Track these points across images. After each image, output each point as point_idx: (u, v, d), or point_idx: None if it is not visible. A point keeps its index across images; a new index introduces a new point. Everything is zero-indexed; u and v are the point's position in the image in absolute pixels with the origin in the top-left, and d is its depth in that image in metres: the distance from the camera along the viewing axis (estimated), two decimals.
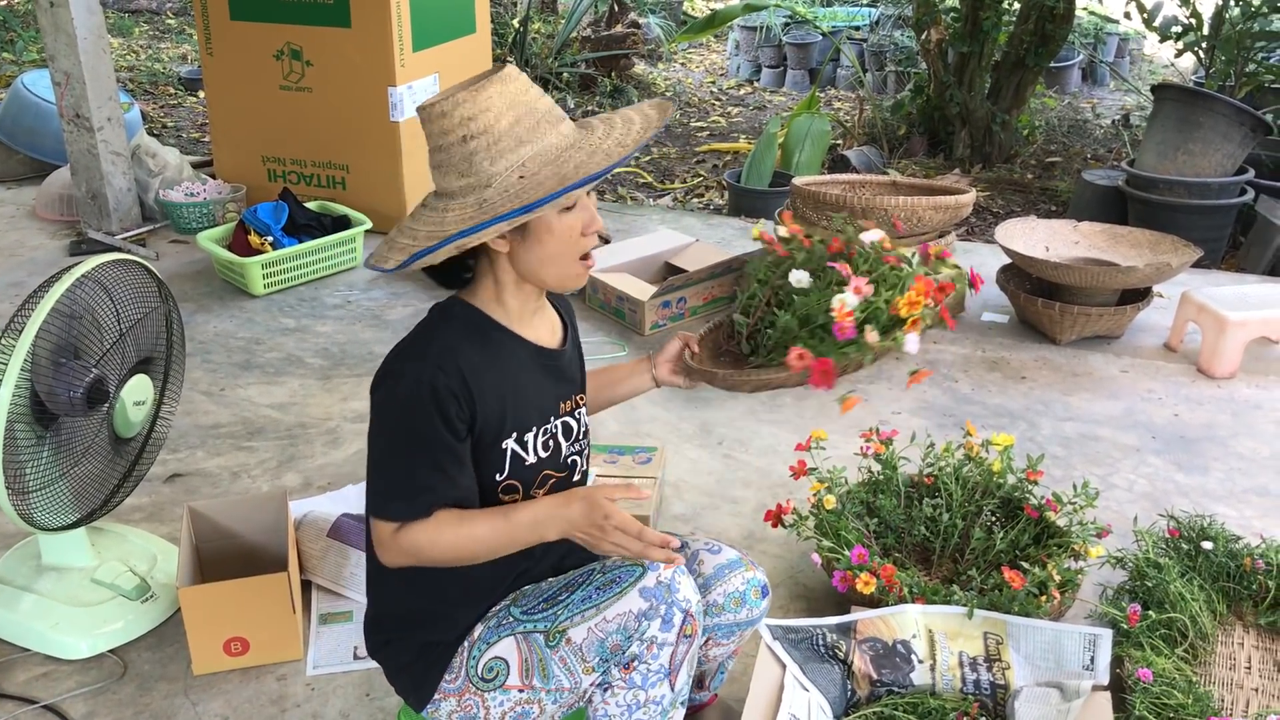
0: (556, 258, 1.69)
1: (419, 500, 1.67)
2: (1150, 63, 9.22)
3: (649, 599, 1.66)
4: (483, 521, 1.69)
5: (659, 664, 1.67)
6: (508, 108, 1.61)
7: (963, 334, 3.96)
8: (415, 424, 1.65)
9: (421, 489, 1.67)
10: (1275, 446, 3.26)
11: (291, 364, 3.74)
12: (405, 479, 1.67)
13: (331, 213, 4.60)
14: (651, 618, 1.66)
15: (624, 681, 1.68)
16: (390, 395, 1.69)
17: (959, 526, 2.57)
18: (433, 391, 1.64)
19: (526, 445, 1.77)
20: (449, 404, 1.65)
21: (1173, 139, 4.68)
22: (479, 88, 1.61)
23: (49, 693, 2.29)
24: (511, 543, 1.70)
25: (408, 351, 1.71)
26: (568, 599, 1.72)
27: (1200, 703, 2.05)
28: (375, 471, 1.71)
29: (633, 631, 1.66)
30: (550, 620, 1.71)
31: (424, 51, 4.72)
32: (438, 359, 1.66)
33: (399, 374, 1.68)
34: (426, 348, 1.69)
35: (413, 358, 1.69)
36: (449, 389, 1.64)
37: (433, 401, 1.64)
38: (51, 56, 4.51)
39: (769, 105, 8.20)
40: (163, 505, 2.93)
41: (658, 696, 1.69)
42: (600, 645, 1.67)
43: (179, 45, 9.60)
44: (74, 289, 2.21)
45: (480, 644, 1.76)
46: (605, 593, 1.69)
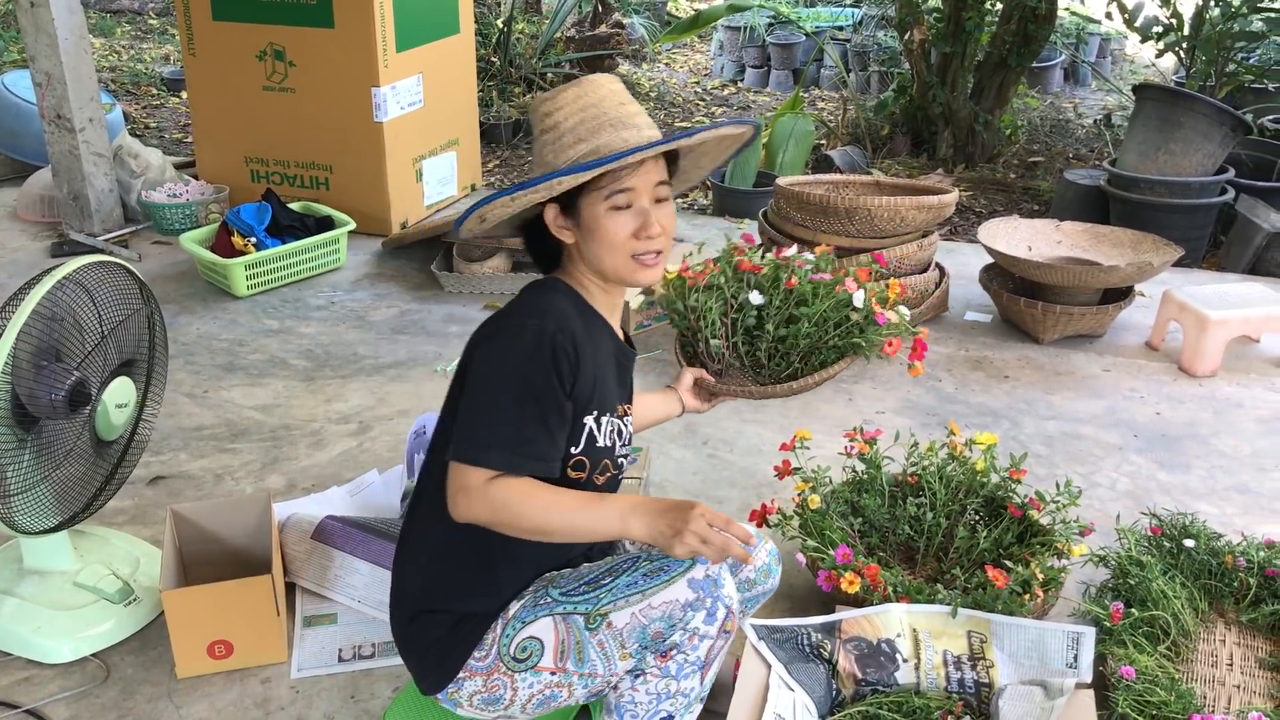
0: (607, 252, 1.80)
1: (521, 452, 1.69)
2: (1132, 63, 9.27)
3: (696, 590, 1.69)
4: (574, 496, 1.72)
5: (696, 655, 1.71)
6: (578, 109, 1.78)
7: (946, 333, 3.98)
8: (531, 376, 1.71)
9: (525, 440, 1.70)
10: (1256, 444, 3.28)
11: (275, 365, 3.72)
12: (511, 430, 1.69)
13: (315, 213, 4.58)
14: (697, 609, 1.68)
15: (659, 670, 1.70)
16: (507, 347, 1.74)
17: (943, 525, 2.58)
18: (552, 348, 1.71)
19: (600, 427, 1.84)
20: (563, 362, 1.72)
21: (1154, 139, 4.71)
22: (561, 89, 1.82)
23: (31, 697, 2.27)
24: (593, 527, 1.71)
25: (524, 310, 1.79)
26: (611, 583, 1.73)
27: (1183, 700, 2.07)
28: (477, 418, 1.72)
29: (677, 620, 1.68)
30: (592, 603, 1.73)
31: (407, 52, 4.71)
32: (557, 319, 1.75)
33: (518, 328, 1.75)
34: (545, 308, 1.77)
35: (532, 315, 1.76)
36: (564, 349, 1.72)
37: (551, 357, 1.71)
38: (32, 57, 4.49)
39: (753, 105, 8.21)
40: (146, 508, 2.91)
41: (687, 689, 1.72)
42: (642, 631, 1.69)
43: (161, 46, 9.55)
44: (55, 291, 2.20)
45: (515, 622, 1.77)
46: (652, 580, 1.71)
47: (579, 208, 1.81)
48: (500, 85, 7.40)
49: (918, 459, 2.72)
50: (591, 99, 1.80)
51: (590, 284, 1.89)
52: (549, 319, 1.74)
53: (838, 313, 2.45)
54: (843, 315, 2.45)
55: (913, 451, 2.74)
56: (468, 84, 5.34)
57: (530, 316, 1.76)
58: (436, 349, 3.84)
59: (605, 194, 1.78)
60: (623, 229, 1.79)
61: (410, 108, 4.80)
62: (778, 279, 2.53)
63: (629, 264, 1.82)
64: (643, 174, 1.79)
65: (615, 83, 1.87)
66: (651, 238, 1.80)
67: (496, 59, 7.50)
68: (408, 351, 3.82)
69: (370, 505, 2.89)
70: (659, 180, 1.82)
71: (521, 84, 7.56)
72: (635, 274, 1.83)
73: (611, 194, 1.78)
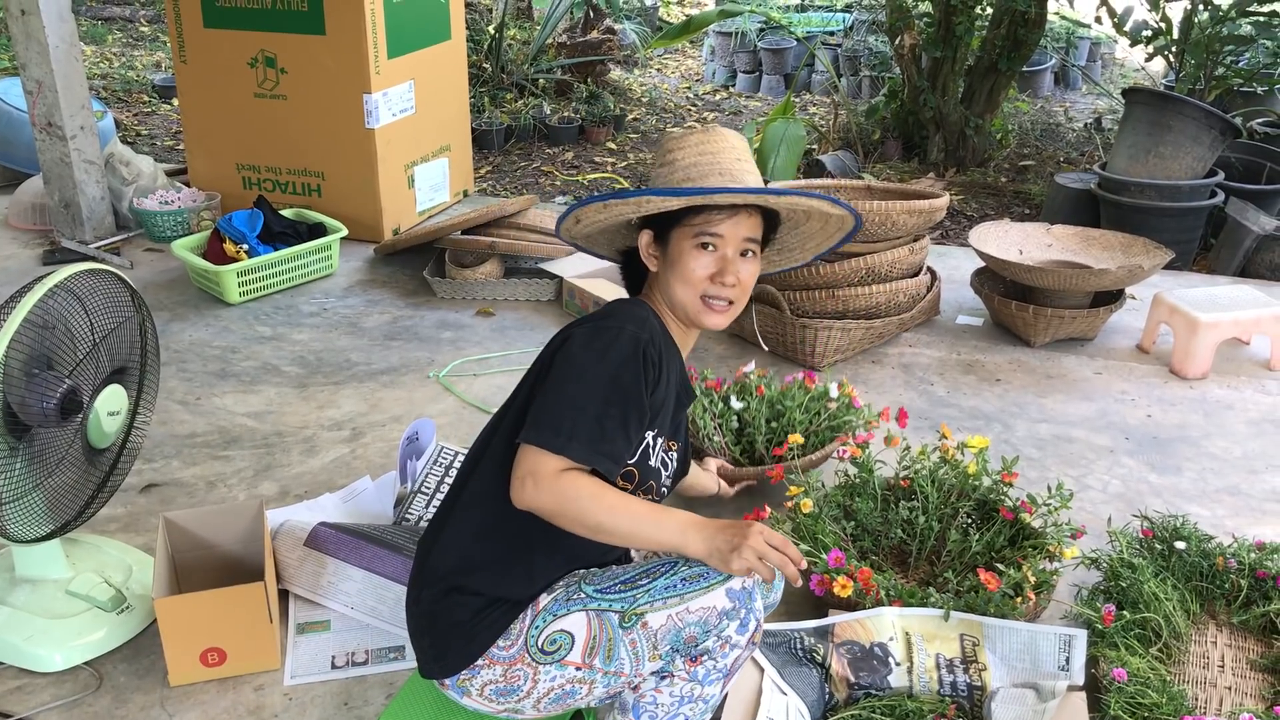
0: (682, 286, 1.93)
1: (600, 450, 1.73)
2: (1121, 67, 9.30)
3: (734, 600, 1.72)
4: (639, 503, 1.75)
5: (724, 663, 1.74)
6: (697, 153, 1.94)
7: (938, 337, 3.99)
8: (622, 375, 1.76)
9: (606, 438, 1.73)
10: (1247, 446, 3.30)
11: (267, 372, 3.72)
12: (595, 425, 1.73)
13: (307, 220, 4.58)
14: (732, 618, 1.72)
15: (687, 674, 1.73)
16: (605, 344, 1.78)
17: (935, 529, 2.58)
18: (645, 354, 1.78)
19: (655, 445, 1.90)
20: (651, 371, 1.79)
21: (1144, 142, 4.73)
22: (690, 131, 1.98)
23: (23, 706, 2.27)
24: (652, 536, 1.74)
25: (622, 315, 1.86)
26: (649, 585, 1.76)
27: (1174, 702, 2.07)
28: (562, 407, 1.74)
29: (712, 627, 1.71)
30: (628, 602, 1.75)
31: (399, 59, 4.71)
32: (650, 329, 1.84)
33: (617, 329, 1.80)
34: (642, 319, 1.84)
35: (630, 321, 1.83)
36: (654, 359, 1.80)
37: (643, 360, 1.78)
38: (23, 65, 4.48)
39: (745, 110, 8.22)
40: (138, 516, 2.91)
41: (708, 695, 1.76)
42: (676, 634, 1.72)
43: (153, 53, 9.55)
44: (47, 299, 2.20)
45: (546, 614, 1.78)
46: (692, 585, 1.73)
47: (670, 239, 1.94)
48: (492, 91, 7.40)
49: (910, 463, 2.73)
50: (712, 147, 1.95)
51: (666, 316, 1.99)
52: (645, 328, 1.83)
53: (817, 404, 2.95)
54: (821, 405, 2.95)
55: (905, 455, 2.74)
56: (460, 90, 5.34)
57: (629, 322, 1.83)
58: (429, 355, 3.84)
59: (694, 231, 1.91)
60: (702, 268, 1.91)
61: (402, 114, 4.80)
62: (746, 389, 3.04)
63: (698, 304, 1.93)
64: (734, 224, 1.91)
65: (741, 140, 2.00)
66: (725, 284, 1.91)
67: (488, 65, 7.51)
68: (400, 358, 3.82)
69: (363, 512, 2.89)
70: (749, 235, 1.93)
71: (513, 90, 7.57)
72: (701, 315, 1.94)
73: (700, 233, 1.90)
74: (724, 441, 2.94)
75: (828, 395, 2.98)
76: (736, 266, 1.93)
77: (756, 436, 2.93)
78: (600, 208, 1.93)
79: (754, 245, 1.96)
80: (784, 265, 2.28)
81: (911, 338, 3.97)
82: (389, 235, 4.85)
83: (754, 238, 1.95)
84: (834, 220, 2.10)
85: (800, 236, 2.19)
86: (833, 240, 2.20)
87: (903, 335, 3.98)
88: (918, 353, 3.88)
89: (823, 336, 3.65)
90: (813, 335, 3.65)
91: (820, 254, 2.25)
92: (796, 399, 2.96)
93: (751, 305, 3.80)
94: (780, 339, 3.75)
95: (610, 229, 2.08)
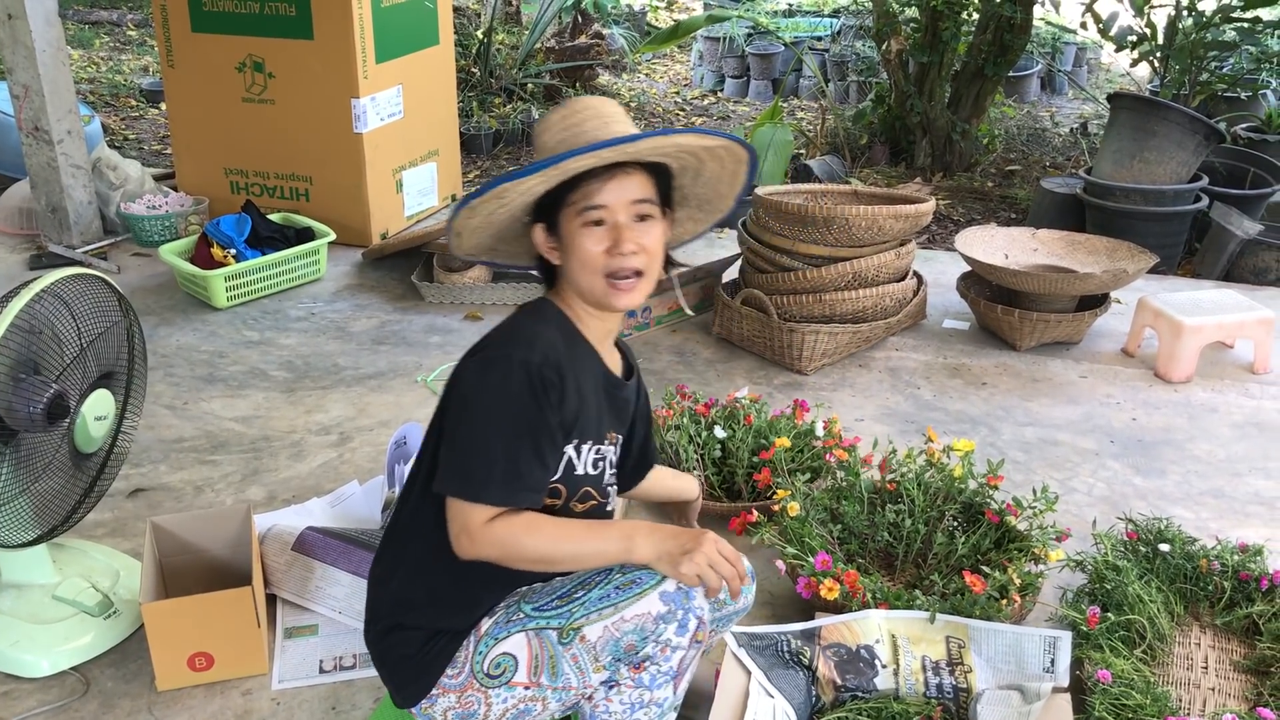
0: (582, 271, 1.78)
1: (517, 487, 1.69)
2: (1107, 72, 9.35)
3: (668, 603, 1.69)
4: (577, 526, 1.73)
5: (669, 666, 1.72)
6: (560, 129, 1.79)
7: (924, 341, 4.00)
8: (522, 410, 1.69)
9: (520, 475, 1.69)
10: (1230, 449, 3.32)
11: (255, 377, 3.72)
12: (506, 465, 1.69)
13: (295, 225, 4.58)
14: (669, 621, 1.69)
15: (632, 681, 1.71)
16: (496, 381, 1.71)
17: (921, 532, 2.60)
18: (541, 378, 1.70)
19: (580, 454, 1.83)
20: (552, 391, 1.71)
21: (1129, 147, 4.75)
22: (551, 110, 1.85)
23: (10, 712, 2.26)
24: (598, 552, 1.72)
25: (510, 339, 1.77)
26: (584, 597, 1.73)
27: (1158, 703, 2.09)
28: (470, 454, 1.70)
29: (649, 633, 1.69)
30: (565, 617, 1.73)
31: (387, 63, 4.71)
32: (543, 349, 1.73)
33: (505, 359, 1.72)
34: (531, 337, 1.76)
35: (518, 345, 1.73)
36: (550, 380, 1.71)
37: (541, 387, 1.70)
38: (10, 69, 4.47)
39: (732, 115, 8.24)
40: (125, 520, 2.91)
41: (660, 699, 1.74)
42: (615, 644, 1.70)
43: (140, 57, 9.52)
44: (34, 303, 2.20)
45: (488, 639, 1.77)
46: (625, 593, 1.71)
47: (560, 226, 1.80)
48: (480, 96, 7.41)
49: (896, 466, 2.74)
50: (575, 119, 1.79)
51: (580, 308, 1.86)
52: (535, 349, 1.72)
53: (802, 440, 2.95)
54: (806, 442, 2.95)
55: (891, 458, 2.76)
56: (448, 95, 5.35)
57: (515, 347, 1.73)
58: (417, 359, 3.84)
59: (577, 209, 1.76)
60: (595, 245, 1.76)
61: (390, 119, 4.81)
62: (735, 415, 3.02)
63: (604, 285, 1.78)
64: (616, 189, 1.75)
65: (606, 104, 1.84)
66: (623, 254, 1.75)
67: (477, 70, 7.51)
68: (388, 362, 3.82)
69: (351, 516, 2.89)
70: (637, 197, 1.77)
71: (501, 95, 7.57)
72: (610, 296, 1.79)
73: (583, 209, 1.75)
74: (703, 475, 2.93)
75: (813, 434, 2.97)
76: (633, 233, 1.76)
77: (738, 469, 2.92)
78: (469, 212, 1.78)
79: (649, 207, 1.78)
80: (712, 220, 2.05)
81: (898, 342, 3.99)
82: (377, 240, 4.84)
83: (646, 198, 1.78)
84: (727, 157, 1.88)
85: (708, 184, 1.95)
86: (739, 179, 1.95)
87: (889, 339, 3.99)
88: (904, 357, 3.89)
89: (809, 341, 3.66)
90: (799, 339, 3.66)
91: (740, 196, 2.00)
92: (781, 431, 2.95)
93: (738, 308, 3.81)
94: (767, 343, 3.77)
95: (509, 236, 1.94)
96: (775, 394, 3.59)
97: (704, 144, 1.82)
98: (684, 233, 2.05)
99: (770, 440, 2.88)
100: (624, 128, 1.78)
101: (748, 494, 2.88)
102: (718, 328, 3.97)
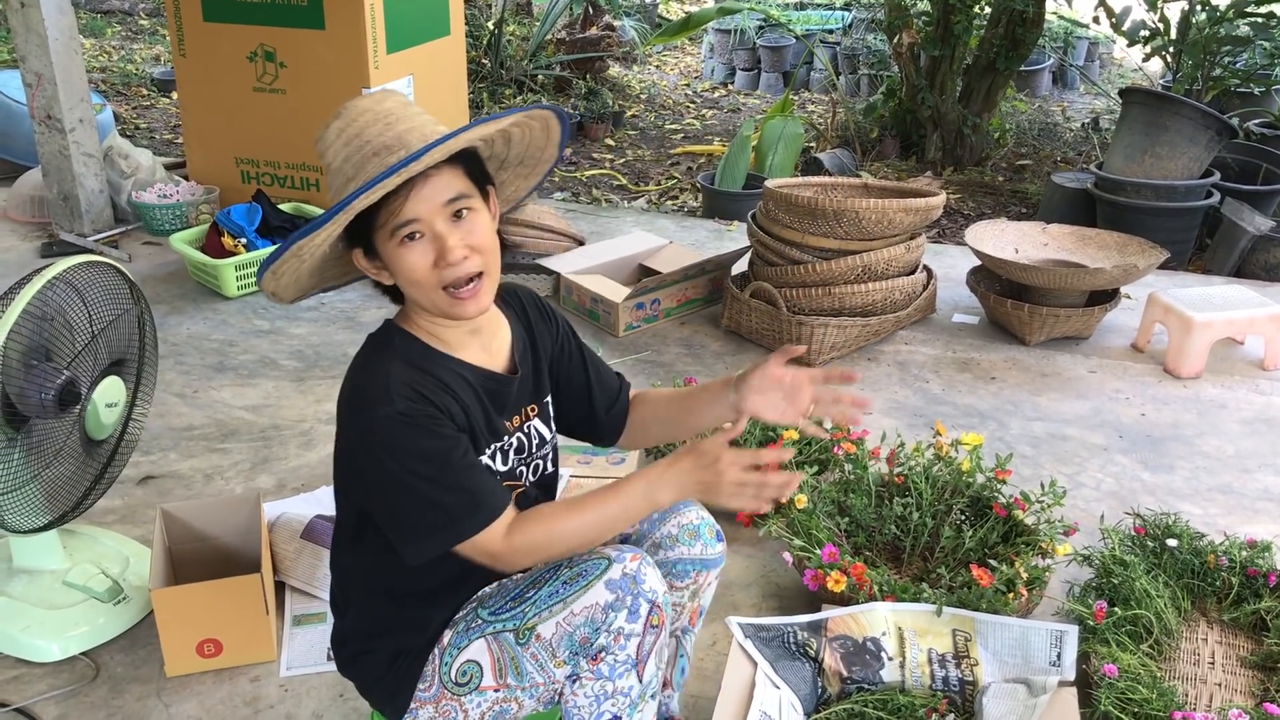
0: (416, 290, 1.64)
1: (488, 497, 1.65)
2: (1119, 66, 9.32)
3: (615, 591, 1.66)
4: (591, 501, 1.68)
5: (625, 654, 1.68)
6: (343, 144, 1.61)
7: (933, 335, 4.00)
8: (424, 448, 1.61)
9: (481, 488, 1.65)
10: (1239, 445, 3.31)
11: (265, 366, 3.73)
12: (462, 491, 1.63)
13: (305, 214, 4.59)
14: (618, 609, 1.66)
15: (592, 673, 1.69)
16: (383, 443, 1.62)
17: (929, 525, 2.60)
18: (413, 416, 1.61)
19: (495, 458, 1.78)
20: (436, 417, 1.63)
21: (1140, 142, 4.74)
22: (328, 123, 1.64)
23: (20, 696, 2.28)
24: (627, 513, 1.69)
25: (368, 397, 1.64)
26: (535, 595, 1.71)
27: (1164, 698, 2.09)
28: (426, 510, 1.63)
29: (600, 624, 1.66)
30: (519, 618, 1.71)
31: (398, 53, 4.72)
32: (401, 391, 1.62)
33: (375, 421, 1.61)
34: (381, 384, 1.63)
35: (380, 401, 1.62)
36: (424, 413, 1.63)
37: (423, 419, 1.62)
38: (22, 57, 4.49)
39: (743, 108, 8.23)
40: (135, 507, 2.92)
41: (625, 688, 1.70)
42: (569, 639, 1.67)
43: (152, 46, 9.55)
44: (45, 291, 2.21)
45: (451, 649, 1.76)
46: (571, 587, 1.68)
47: (376, 248, 1.64)
48: (491, 87, 7.41)
49: (904, 459, 2.74)
50: (354, 129, 1.61)
51: (429, 323, 1.72)
52: (395, 399, 1.61)
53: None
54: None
55: (899, 451, 2.76)
56: (458, 86, 5.35)
57: (379, 404, 1.61)
58: None
59: (389, 230, 1.59)
60: (420, 260, 1.60)
61: None
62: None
63: (444, 298, 1.63)
64: (422, 197, 1.58)
65: (384, 101, 1.65)
66: (452, 264, 1.60)
67: (487, 61, 7.51)
68: None
69: None
70: (449, 197, 1.60)
71: (512, 86, 7.58)
72: (454, 308, 1.64)
73: (395, 229, 1.59)
74: None
75: (821, 427, 2.85)
76: (456, 236, 1.60)
77: None
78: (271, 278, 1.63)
79: (464, 201, 1.61)
80: (540, 172, 1.87)
81: (907, 335, 3.98)
82: None
83: (458, 194, 1.60)
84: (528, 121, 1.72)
85: (520, 145, 1.79)
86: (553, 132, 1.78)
87: (899, 333, 3.99)
88: (913, 350, 3.89)
89: (819, 334, 3.66)
90: (809, 332, 3.66)
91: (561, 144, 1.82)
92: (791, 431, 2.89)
93: (747, 301, 3.82)
94: (776, 336, 3.77)
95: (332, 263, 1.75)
96: None
97: (495, 129, 1.68)
98: (515, 191, 1.90)
99: (778, 432, 2.88)
100: (408, 124, 1.61)
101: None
102: (726, 320, 3.97)
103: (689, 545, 1.91)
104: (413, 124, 1.61)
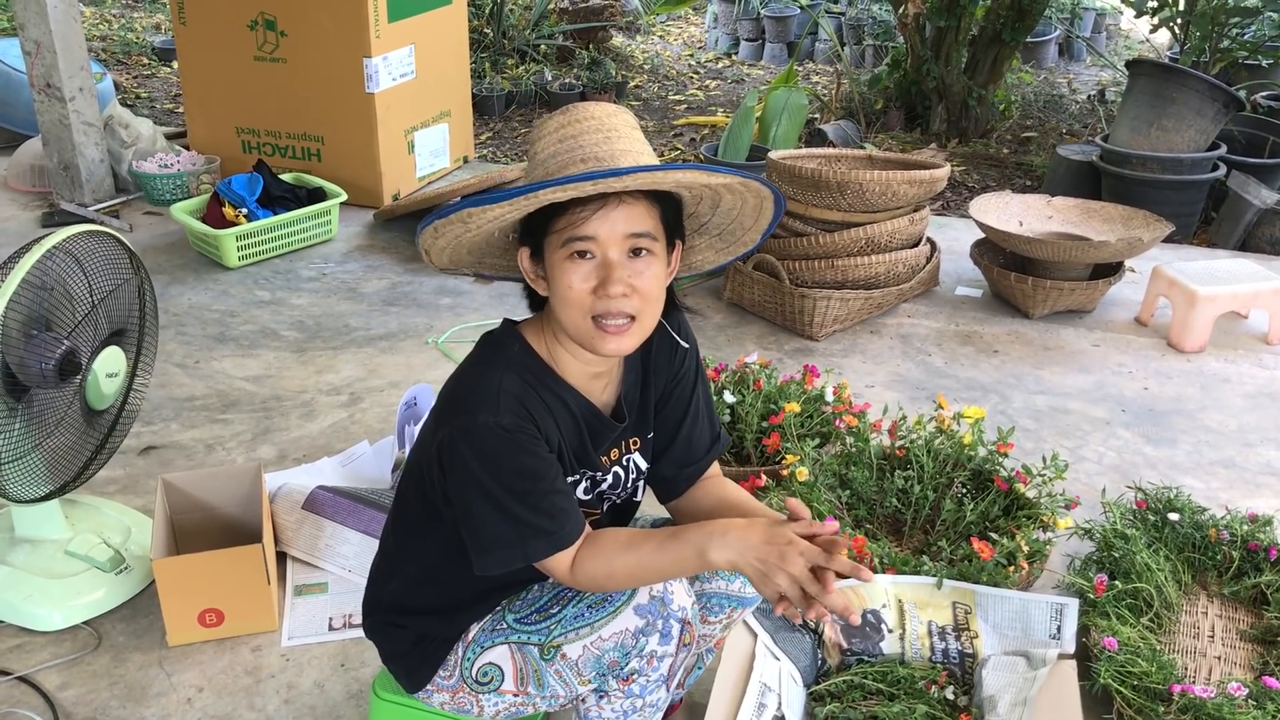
0: (564, 308, 1.57)
1: (565, 523, 1.60)
2: (1126, 38, 9.24)
3: (644, 616, 1.62)
4: (650, 544, 1.60)
5: (658, 675, 1.66)
6: (555, 140, 1.57)
7: (936, 308, 3.99)
8: (518, 464, 1.58)
9: (561, 514, 1.60)
10: (1242, 419, 3.31)
11: (266, 337, 3.72)
12: (542, 514, 1.59)
13: (306, 184, 4.57)
14: (649, 634, 1.62)
15: (622, 692, 1.66)
16: (479, 450, 1.58)
17: (930, 498, 2.60)
18: (514, 432, 1.57)
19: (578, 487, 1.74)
20: (535, 437, 1.59)
21: (1146, 115, 4.71)
22: (548, 116, 1.60)
23: (23, 664, 2.29)
24: (679, 565, 1.59)
25: (476, 403, 1.60)
26: (559, 614, 1.68)
27: (1164, 671, 2.09)
28: (503, 525, 1.59)
29: (630, 648, 1.62)
30: (544, 634, 1.68)
31: (399, 22, 4.68)
32: (509, 405, 1.58)
33: (477, 426, 1.57)
34: (493, 393, 1.59)
35: (484, 409, 1.58)
36: (525, 428, 1.58)
37: (523, 437, 1.58)
38: (21, 25, 4.46)
39: (747, 79, 8.18)
40: (137, 478, 2.92)
41: (654, 700, 1.69)
42: (597, 661, 1.64)
43: (152, 15, 9.49)
44: (45, 260, 2.20)
45: (475, 646, 1.75)
46: (597, 612, 1.64)
47: (545, 253, 1.59)
48: (493, 57, 7.37)
49: (906, 432, 2.74)
50: (573, 129, 1.56)
51: (558, 344, 1.66)
52: (502, 411, 1.57)
53: (812, 406, 2.92)
54: (816, 407, 2.92)
55: (901, 424, 2.75)
56: (460, 55, 5.31)
57: (482, 412, 1.57)
58: (428, 321, 3.84)
59: (562, 238, 1.53)
60: (580, 282, 1.54)
61: (402, 79, 4.78)
62: (744, 380, 2.99)
63: (589, 327, 1.57)
64: (608, 220, 1.52)
65: (614, 115, 1.60)
66: (611, 296, 1.53)
67: (489, 30, 7.46)
68: (399, 323, 3.83)
69: (361, 476, 2.90)
70: (634, 230, 1.53)
71: (514, 55, 7.53)
72: (596, 341, 1.57)
73: (568, 239, 1.53)
74: None
75: (823, 400, 2.93)
76: (623, 271, 1.53)
77: (747, 434, 2.88)
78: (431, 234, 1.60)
79: (647, 241, 1.54)
80: (733, 255, 1.81)
81: (910, 308, 3.97)
82: (388, 201, 4.83)
83: (644, 231, 1.54)
84: (745, 192, 1.66)
85: (727, 215, 1.73)
86: (765, 215, 1.72)
87: (901, 305, 3.98)
88: (916, 323, 3.88)
89: (821, 306, 3.65)
90: (811, 305, 3.65)
91: (766, 232, 1.76)
92: (791, 396, 2.92)
93: (750, 273, 3.80)
94: (779, 308, 3.75)
95: (494, 251, 1.72)
96: (785, 359, 3.58)
97: (711, 181, 1.58)
98: (701, 261, 1.83)
99: (780, 405, 2.88)
100: (627, 144, 1.56)
101: (756, 459, 2.88)
102: (729, 293, 3.96)
103: (728, 580, 1.85)
104: (630, 146, 1.56)
